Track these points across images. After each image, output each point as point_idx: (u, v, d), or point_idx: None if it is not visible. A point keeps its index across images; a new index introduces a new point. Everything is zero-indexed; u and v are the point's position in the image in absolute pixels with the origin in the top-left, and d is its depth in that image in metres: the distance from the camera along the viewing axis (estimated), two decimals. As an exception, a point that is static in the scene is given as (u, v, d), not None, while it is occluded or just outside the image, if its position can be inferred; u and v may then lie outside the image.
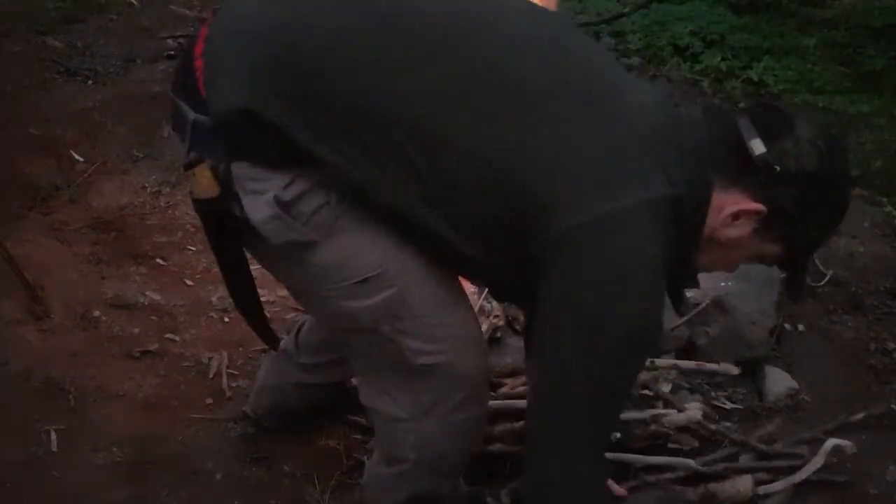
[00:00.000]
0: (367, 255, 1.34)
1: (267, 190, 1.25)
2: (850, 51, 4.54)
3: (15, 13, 4.12)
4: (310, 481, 1.99)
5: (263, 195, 1.25)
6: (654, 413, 1.97)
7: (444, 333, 1.44)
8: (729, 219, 1.30)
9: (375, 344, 1.43)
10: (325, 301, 1.38)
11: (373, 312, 1.37)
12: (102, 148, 3.19)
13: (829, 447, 1.97)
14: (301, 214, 1.28)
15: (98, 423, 2.10)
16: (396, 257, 1.36)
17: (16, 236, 2.63)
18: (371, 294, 1.35)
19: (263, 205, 1.25)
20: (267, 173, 1.25)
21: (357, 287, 1.34)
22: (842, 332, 2.59)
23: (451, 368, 1.45)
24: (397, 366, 1.45)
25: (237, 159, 1.25)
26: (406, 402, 1.50)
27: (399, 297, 1.37)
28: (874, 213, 3.22)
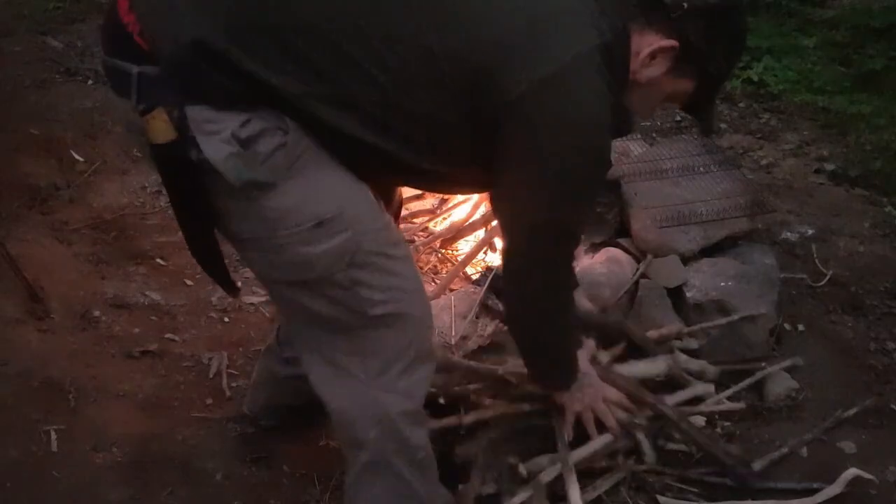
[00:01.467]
0: (323, 199, 1.37)
1: (223, 130, 1.26)
2: (850, 51, 4.54)
3: (15, 13, 4.13)
4: (310, 481, 2.00)
5: (220, 134, 1.26)
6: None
7: (395, 283, 1.48)
8: (647, 59, 1.43)
9: (328, 297, 1.44)
10: (279, 250, 1.38)
11: (329, 257, 1.39)
12: (102, 148, 3.19)
13: (849, 476, 1.98)
14: (258, 154, 1.29)
15: (98, 423, 2.10)
16: (351, 200, 1.40)
17: (16, 236, 2.64)
18: (327, 238, 1.37)
19: (221, 143, 1.26)
20: (222, 114, 1.26)
21: (313, 231, 1.36)
22: (842, 332, 2.58)
23: (403, 318, 1.50)
24: (347, 324, 1.47)
25: (191, 102, 1.26)
26: (358, 368, 1.52)
27: (354, 241, 1.40)
28: (874, 213, 3.22)
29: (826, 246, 2.99)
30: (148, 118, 1.27)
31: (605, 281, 2.36)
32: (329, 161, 1.37)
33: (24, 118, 3.26)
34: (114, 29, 1.32)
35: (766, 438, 2.17)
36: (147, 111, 1.27)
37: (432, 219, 2.80)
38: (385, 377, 1.53)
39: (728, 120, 3.99)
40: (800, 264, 2.88)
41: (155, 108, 1.26)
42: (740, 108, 4.12)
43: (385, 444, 1.57)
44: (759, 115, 4.05)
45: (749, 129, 3.90)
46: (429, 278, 2.55)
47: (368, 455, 1.59)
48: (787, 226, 3.08)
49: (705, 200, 2.53)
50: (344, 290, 1.43)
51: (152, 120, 1.27)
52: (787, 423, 2.23)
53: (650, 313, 2.34)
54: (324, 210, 1.36)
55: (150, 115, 1.26)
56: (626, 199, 2.55)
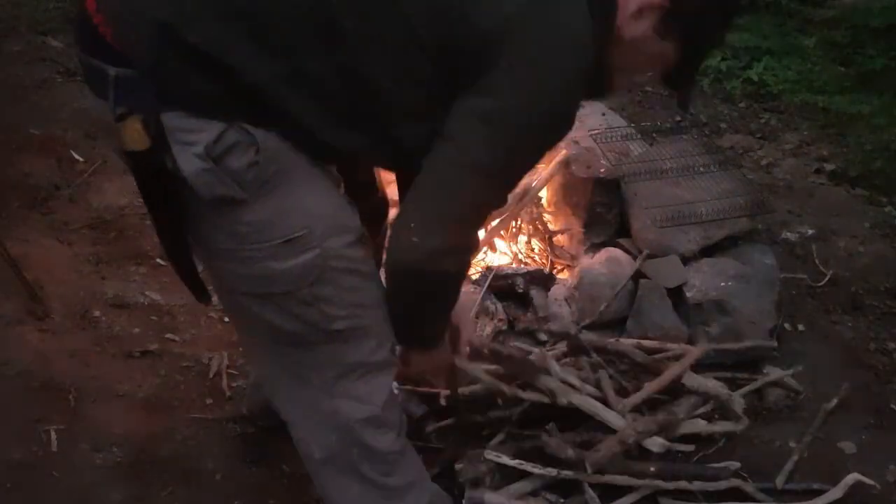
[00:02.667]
0: (293, 216, 1.36)
1: (198, 142, 1.25)
2: (850, 51, 4.54)
3: (15, 13, 4.13)
4: (310, 481, 1.98)
5: (194, 146, 1.25)
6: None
7: (356, 298, 1.47)
8: (634, 14, 1.35)
9: (289, 311, 1.43)
10: (246, 263, 1.38)
11: (295, 273, 1.38)
12: (102, 148, 3.18)
13: (850, 481, 1.99)
14: (230, 171, 1.28)
15: (98, 423, 2.10)
16: (321, 217, 1.39)
17: (16, 236, 2.63)
18: (295, 254, 1.37)
19: (194, 157, 1.24)
20: (198, 123, 1.25)
21: (281, 247, 1.35)
22: (842, 332, 2.59)
23: (361, 332, 1.49)
24: (306, 338, 1.46)
25: (167, 108, 1.24)
26: (316, 378, 1.51)
27: (321, 259, 1.39)
28: (874, 213, 3.22)
29: (826, 246, 2.99)
30: (122, 125, 1.25)
31: (605, 281, 2.37)
32: (302, 173, 1.36)
33: (24, 118, 3.26)
34: (86, 30, 1.28)
35: (766, 438, 2.18)
36: (122, 118, 1.25)
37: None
38: (341, 386, 1.52)
39: (728, 120, 3.99)
40: (800, 264, 2.88)
41: (130, 116, 1.24)
42: (740, 108, 4.12)
43: (347, 449, 1.57)
44: (759, 115, 4.05)
45: (749, 129, 3.90)
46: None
47: (332, 463, 1.59)
48: (787, 226, 3.09)
49: (705, 200, 2.53)
50: (306, 306, 1.42)
51: (126, 127, 1.25)
52: (787, 423, 2.23)
53: (650, 313, 2.34)
54: (294, 227, 1.36)
55: (124, 123, 1.25)
56: (626, 199, 2.56)
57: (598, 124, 2.84)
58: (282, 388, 1.58)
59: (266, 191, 1.31)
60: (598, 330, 2.33)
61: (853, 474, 2.00)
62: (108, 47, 1.25)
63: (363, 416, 1.54)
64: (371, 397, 1.55)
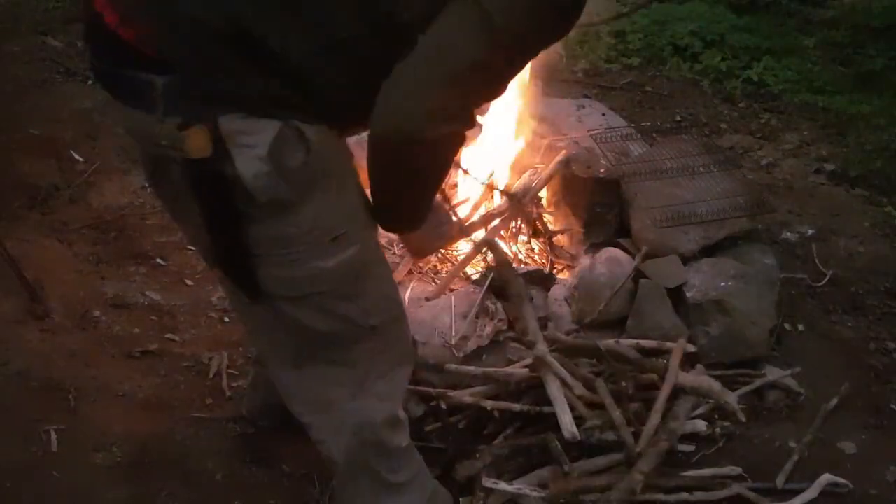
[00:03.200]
0: (338, 213, 1.38)
1: (258, 143, 1.24)
2: (850, 51, 4.54)
3: (15, 13, 4.13)
4: (310, 481, 2.00)
5: (255, 148, 1.24)
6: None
7: (387, 290, 1.52)
8: None
9: (325, 311, 1.44)
10: (290, 265, 1.38)
11: (340, 271, 1.40)
12: (102, 148, 3.19)
13: (823, 482, 2.00)
14: (288, 172, 1.28)
15: (98, 423, 2.10)
16: (359, 212, 1.42)
17: (16, 236, 2.63)
18: (340, 251, 1.39)
19: (256, 160, 1.24)
20: (256, 123, 1.24)
21: (328, 246, 1.37)
22: (842, 332, 2.59)
23: (394, 324, 1.54)
24: (342, 336, 1.48)
25: (224, 111, 1.23)
26: (345, 378, 1.53)
27: (361, 254, 1.41)
28: (874, 213, 3.22)
29: (826, 246, 2.99)
30: (187, 134, 1.23)
31: (605, 281, 2.36)
32: (340, 168, 1.38)
33: (24, 118, 3.26)
34: (110, 41, 1.25)
35: (766, 438, 2.18)
36: (184, 126, 1.23)
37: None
38: (369, 384, 1.55)
39: (728, 120, 3.99)
40: (800, 264, 2.88)
41: (194, 124, 1.22)
42: (740, 108, 4.12)
43: (366, 450, 1.59)
44: (759, 115, 4.05)
45: (749, 129, 3.90)
46: (429, 278, 2.55)
47: (352, 464, 1.61)
48: (787, 226, 3.09)
49: (705, 200, 2.53)
50: (348, 303, 1.44)
51: (191, 136, 1.23)
52: (787, 423, 2.23)
53: (650, 313, 2.34)
54: (339, 224, 1.38)
55: (189, 132, 1.23)
56: (626, 199, 2.55)
57: (598, 124, 2.85)
58: (301, 393, 1.59)
59: (312, 190, 1.32)
60: (598, 330, 2.33)
61: (826, 475, 2.02)
62: (146, 58, 1.22)
63: (384, 415, 1.58)
64: (392, 394, 1.59)
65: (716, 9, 4.83)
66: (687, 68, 4.41)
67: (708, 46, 4.53)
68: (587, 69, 4.38)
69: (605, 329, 2.35)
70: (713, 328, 2.34)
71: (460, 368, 2.10)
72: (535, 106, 2.68)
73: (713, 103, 4.14)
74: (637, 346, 2.25)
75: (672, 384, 2.06)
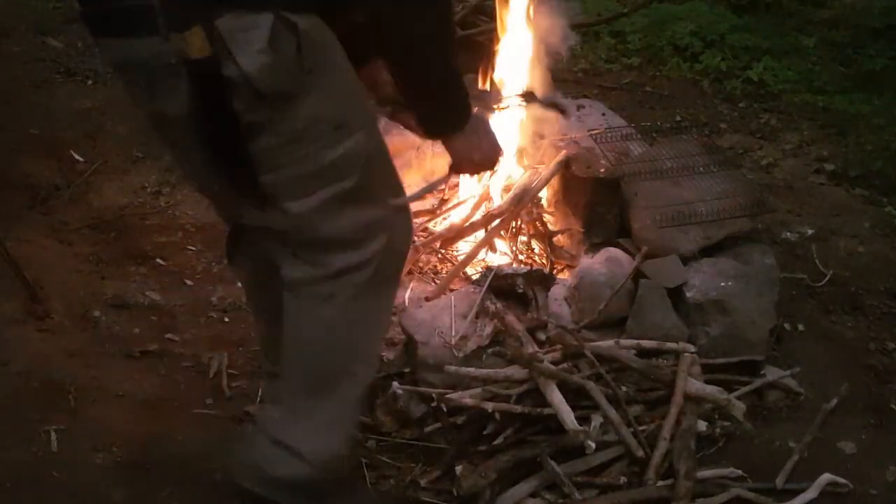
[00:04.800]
0: (338, 101, 1.43)
1: (255, 39, 1.29)
2: (850, 51, 4.54)
3: (15, 13, 4.13)
4: (310, 481, 1.99)
5: (254, 43, 1.29)
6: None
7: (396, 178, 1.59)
8: None
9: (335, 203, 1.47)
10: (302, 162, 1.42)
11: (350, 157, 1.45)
12: (102, 148, 3.19)
13: (823, 482, 2.00)
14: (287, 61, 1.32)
15: (98, 423, 2.10)
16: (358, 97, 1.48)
17: (16, 236, 2.64)
18: (346, 138, 1.44)
19: (257, 53, 1.29)
20: (251, 19, 1.29)
21: (334, 133, 1.42)
22: (842, 332, 2.59)
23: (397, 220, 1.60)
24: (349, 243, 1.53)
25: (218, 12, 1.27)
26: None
27: (366, 140, 1.47)
28: (874, 213, 3.22)
29: (826, 246, 2.99)
30: (187, 35, 1.28)
31: (605, 281, 2.36)
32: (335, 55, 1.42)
33: (24, 118, 3.26)
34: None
35: (766, 438, 2.18)
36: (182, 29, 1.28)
37: (432, 219, 2.80)
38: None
39: (728, 120, 3.99)
40: (800, 264, 2.88)
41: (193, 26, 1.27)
42: (740, 108, 4.12)
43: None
44: (759, 115, 4.05)
45: (749, 129, 3.90)
46: (429, 278, 2.55)
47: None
48: (787, 226, 3.09)
49: (705, 200, 2.52)
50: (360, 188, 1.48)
51: (191, 36, 1.28)
52: (787, 423, 2.23)
53: (650, 313, 2.34)
54: (340, 113, 1.43)
55: (189, 32, 1.27)
56: (626, 199, 2.55)
57: (598, 124, 2.84)
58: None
59: (312, 79, 1.37)
60: (598, 330, 2.33)
61: (826, 475, 2.01)
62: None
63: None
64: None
65: (716, 9, 4.83)
66: (687, 68, 4.41)
67: (708, 46, 4.53)
68: (587, 69, 4.38)
69: (605, 329, 2.34)
70: (713, 328, 2.34)
71: (460, 370, 2.09)
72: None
73: (713, 103, 4.14)
74: (637, 346, 2.25)
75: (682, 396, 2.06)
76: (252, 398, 2.24)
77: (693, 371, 2.16)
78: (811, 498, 1.97)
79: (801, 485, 2.01)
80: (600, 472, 1.99)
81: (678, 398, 2.06)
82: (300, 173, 1.43)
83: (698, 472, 1.97)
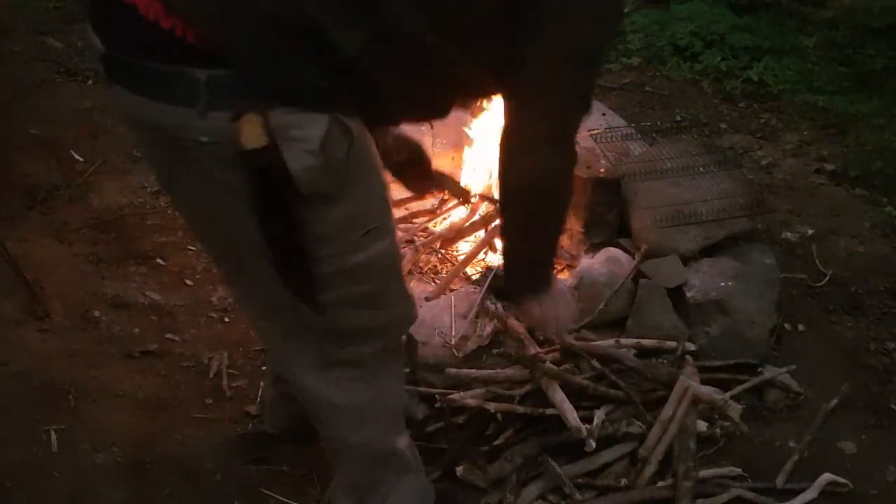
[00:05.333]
0: (372, 207, 1.42)
1: (308, 137, 1.24)
2: (850, 51, 4.54)
3: (15, 13, 4.13)
4: (310, 481, 2.00)
5: (305, 142, 1.24)
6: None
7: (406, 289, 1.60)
8: None
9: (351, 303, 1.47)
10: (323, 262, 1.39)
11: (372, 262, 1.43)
12: (102, 148, 3.19)
13: (823, 482, 2.00)
14: (335, 165, 1.29)
15: (98, 423, 2.10)
16: (388, 205, 1.46)
17: (16, 236, 2.64)
18: (370, 245, 1.42)
19: (305, 153, 1.24)
20: (306, 117, 1.24)
21: (361, 240, 1.40)
22: (842, 332, 2.58)
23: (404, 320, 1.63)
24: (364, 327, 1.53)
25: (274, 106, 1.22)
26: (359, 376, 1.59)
27: (390, 247, 1.47)
28: (874, 213, 3.22)
29: (826, 246, 2.99)
30: (241, 123, 1.21)
31: (605, 281, 2.36)
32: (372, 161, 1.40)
33: (24, 118, 3.26)
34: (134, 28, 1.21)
35: (766, 438, 2.18)
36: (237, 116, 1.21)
37: (432, 219, 2.80)
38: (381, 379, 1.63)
39: (728, 120, 3.99)
40: (800, 264, 2.88)
41: (246, 113, 1.21)
42: (740, 108, 4.12)
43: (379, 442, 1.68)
44: (759, 115, 4.05)
45: (749, 129, 3.90)
46: (429, 278, 2.55)
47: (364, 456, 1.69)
48: (787, 226, 3.09)
49: (705, 200, 2.53)
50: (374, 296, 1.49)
51: (245, 125, 1.21)
52: (787, 423, 2.23)
53: (650, 313, 2.34)
54: (371, 219, 1.41)
55: (243, 121, 1.21)
56: (626, 199, 2.55)
57: (598, 124, 2.84)
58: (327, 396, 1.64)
59: (350, 184, 1.34)
60: (598, 330, 2.33)
61: (826, 475, 2.01)
62: (189, 49, 1.20)
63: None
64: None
65: (716, 9, 4.83)
66: (687, 68, 4.41)
67: (708, 46, 4.53)
68: (587, 69, 4.37)
69: (605, 329, 2.34)
70: (713, 328, 2.34)
71: (460, 372, 2.09)
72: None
73: (713, 103, 4.14)
74: (637, 346, 2.25)
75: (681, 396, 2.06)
76: (252, 398, 2.24)
77: (688, 371, 2.15)
78: (811, 498, 1.97)
79: (801, 485, 2.01)
80: (600, 472, 1.99)
81: (677, 399, 2.06)
82: (323, 271, 1.40)
83: (698, 472, 1.97)
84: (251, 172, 1.27)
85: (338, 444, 1.73)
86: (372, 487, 1.73)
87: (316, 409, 1.67)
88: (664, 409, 2.05)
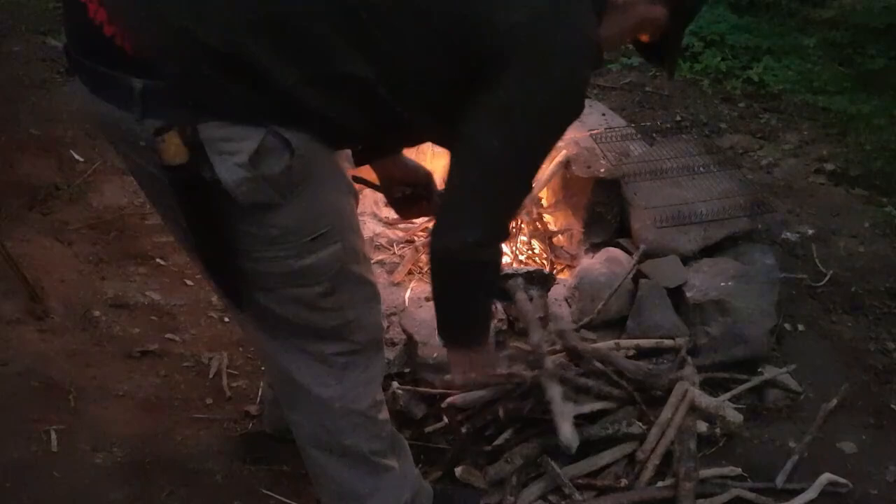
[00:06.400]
0: (320, 214, 1.39)
1: (240, 150, 1.23)
2: (850, 51, 4.55)
3: (15, 13, 4.13)
4: (310, 481, 1.99)
5: (236, 156, 1.23)
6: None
7: (371, 290, 1.56)
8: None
9: (304, 304, 1.46)
10: (270, 263, 1.39)
11: (322, 266, 1.42)
12: (102, 148, 3.19)
13: (823, 482, 2.00)
14: (270, 177, 1.28)
15: (98, 423, 2.10)
16: (343, 212, 1.44)
17: (16, 236, 2.64)
18: (319, 249, 1.40)
19: (236, 167, 1.23)
20: (238, 130, 1.23)
21: (308, 244, 1.39)
22: (842, 332, 2.59)
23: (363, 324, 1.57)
24: (317, 327, 1.51)
25: (205, 119, 1.22)
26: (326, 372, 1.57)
27: (342, 252, 1.44)
28: (874, 213, 3.22)
29: (826, 246, 2.99)
30: (161, 139, 1.22)
31: (605, 281, 2.36)
32: (326, 170, 1.38)
33: (24, 118, 3.26)
34: (93, 37, 1.24)
35: (766, 438, 2.18)
36: (160, 132, 1.21)
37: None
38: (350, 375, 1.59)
39: (728, 120, 3.99)
40: (800, 264, 2.88)
41: (168, 130, 1.21)
42: (740, 108, 4.12)
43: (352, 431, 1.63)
44: (759, 115, 4.05)
45: (749, 129, 3.90)
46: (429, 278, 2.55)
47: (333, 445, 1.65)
48: (787, 226, 3.09)
49: (705, 200, 2.53)
50: (326, 295, 1.46)
51: (166, 142, 1.22)
52: (787, 423, 2.23)
53: (650, 313, 2.34)
54: (321, 225, 1.39)
55: (164, 137, 1.21)
56: (626, 199, 2.55)
57: (598, 124, 2.85)
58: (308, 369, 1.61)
59: (297, 193, 1.32)
60: (598, 330, 2.33)
61: (826, 475, 2.02)
62: (127, 57, 1.21)
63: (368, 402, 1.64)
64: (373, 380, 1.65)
65: (716, 9, 4.83)
66: (687, 68, 4.41)
67: (708, 46, 4.53)
68: (587, 69, 4.38)
69: (604, 329, 2.35)
70: (713, 328, 2.34)
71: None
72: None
73: (713, 103, 4.14)
74: (637, 346, 2.24)
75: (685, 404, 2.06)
76: (252, 398, 2.24)
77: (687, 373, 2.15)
78: (811, 498, 1.97)
79: (801, 485, 2.01)
80: (600, 473, 1.99)
81: (675, 402, 2.06)
82: (270, 271, 1.40)
83: (699, 472, 1.97)
84: (174, 184, 1.28)
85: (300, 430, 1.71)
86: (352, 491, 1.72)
87: (283, 387, 1.66)
88: (662, 411, 2.05)
